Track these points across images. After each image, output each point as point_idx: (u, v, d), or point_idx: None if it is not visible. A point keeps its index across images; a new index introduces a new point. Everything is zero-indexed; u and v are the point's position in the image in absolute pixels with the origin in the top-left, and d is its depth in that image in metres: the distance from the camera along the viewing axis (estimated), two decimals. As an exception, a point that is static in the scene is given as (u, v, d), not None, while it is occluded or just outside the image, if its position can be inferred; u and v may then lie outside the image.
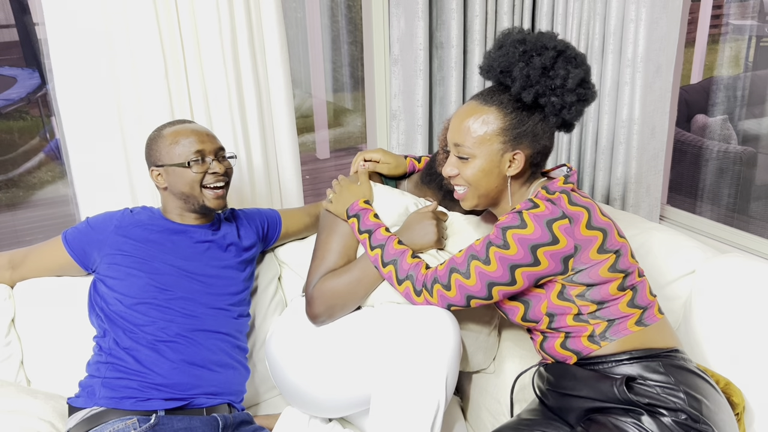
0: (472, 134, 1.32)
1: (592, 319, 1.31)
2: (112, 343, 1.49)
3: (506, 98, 1.33)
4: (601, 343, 1.31)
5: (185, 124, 1.61)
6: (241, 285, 1.66)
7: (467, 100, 1.37)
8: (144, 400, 1.43)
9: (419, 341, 1.34)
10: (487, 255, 1.28)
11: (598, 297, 1.30)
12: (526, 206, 1.29)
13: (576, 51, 1.32)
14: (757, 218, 2.88)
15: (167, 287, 1.53)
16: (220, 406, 1.52)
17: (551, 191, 1.32)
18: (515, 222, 1.27)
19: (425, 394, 1.31)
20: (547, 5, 2.28)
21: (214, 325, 1.56)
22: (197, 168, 1.56)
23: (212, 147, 1.58)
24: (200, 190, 1.57)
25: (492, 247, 1.28)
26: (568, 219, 1.26)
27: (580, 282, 1.29)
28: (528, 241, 1.25)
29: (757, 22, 3.38)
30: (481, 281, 1.30)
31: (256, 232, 1.75)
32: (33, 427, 1.38)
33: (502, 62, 1.32)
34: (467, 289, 1.32)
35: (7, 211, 4.12)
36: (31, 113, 4.81)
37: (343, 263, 1.54)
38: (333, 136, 5.29)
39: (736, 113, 3.16)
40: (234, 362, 1.58)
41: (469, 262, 1.31)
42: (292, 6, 5.01)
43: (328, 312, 1.51)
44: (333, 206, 1.55)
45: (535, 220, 1.26)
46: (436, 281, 1.35)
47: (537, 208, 1.27)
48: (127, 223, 1.59)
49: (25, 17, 4.43)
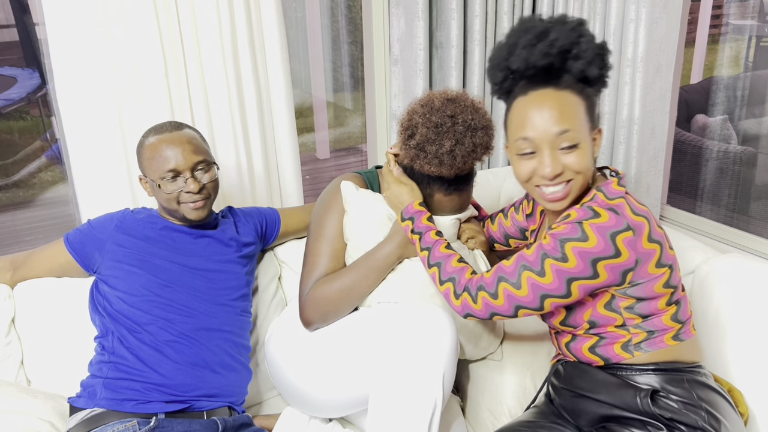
0: (573, 118, 1.23)
1: (633, 329, 1.27)
2: (116, 342, 1.49)
3: (568, 78, 1.26)
4: (635, 353, 1.27)
5: (165, 134, 1.55)
6: (243, 279, 1.66)
7: (531, 92, 1.27)
8: (145, 403, 1.43)
9: (416, 340, 1.34)
10: (542, 267, 1.21)
11: (646, 311, 1.26)
12: (585, 215, 1.21)
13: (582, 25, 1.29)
14: (757, 218, 2.88)
15: (169, 284, 1.54)
16: (221, 409, 1.52)
17: (610, 196, 1.24)
18: (575, 234, 1.19)
19: (422, 393, 1.31)
20: (547, 5, 2.28)
21: (216, 323, 1.56)
22: (170, 187, 1.52)
23: (188, 164, 1.52)
24: (177, 204, 1.55)
25: (548, 258, 1.21)
26: (632, 231, 1.19)
27: (633, 295, 1.24)
28: (589, 254, 1.18)
29: (757, 22, 3.38)
30: (534, 293, 1.23)
31: (254, 230, 1.75)
32: (33, 427, 1.38)
33: (560, 43, 1.24)
34: (517, 299, 1.26)
35: (8, 212, 4.12)
36: (31, 113, 4.80)
37: (333, 267, 1.55)
38: (333, 136, 5.29)
39: (736, 113, 3.16)
40: (236, 363, 1.58)
41: (520, 272, 1.24)
42: (292, 6, 5.01)
43: (322, 318, 1.51)
44: (388, 200, 1.52)
45: (597, 232, 1.18)
46: (481, 288, 1.29)
47: (599, 217, 1.19)
48: (128, 222, 1.59)
49: (25, 17, 4.43)
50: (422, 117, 1.43)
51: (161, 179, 1.52)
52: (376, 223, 1.53)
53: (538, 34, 1.25)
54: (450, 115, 1.42)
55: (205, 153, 1.57)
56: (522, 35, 1.27)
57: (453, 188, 1.49)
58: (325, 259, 1.55)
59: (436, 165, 1.43)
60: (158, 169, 1.52)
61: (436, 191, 1.50)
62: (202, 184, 1.54)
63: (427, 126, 1.42)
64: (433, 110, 1.43)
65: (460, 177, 1.49)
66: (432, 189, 1.50)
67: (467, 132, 1.42)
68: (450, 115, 1.42)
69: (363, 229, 1.54)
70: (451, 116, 1.42)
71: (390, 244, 1.50)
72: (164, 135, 1.54)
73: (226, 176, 1.99)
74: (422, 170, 1.46)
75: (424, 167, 1.45)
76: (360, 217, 1.54)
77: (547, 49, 1.24)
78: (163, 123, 1.59)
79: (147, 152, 1.54)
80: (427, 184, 1.50)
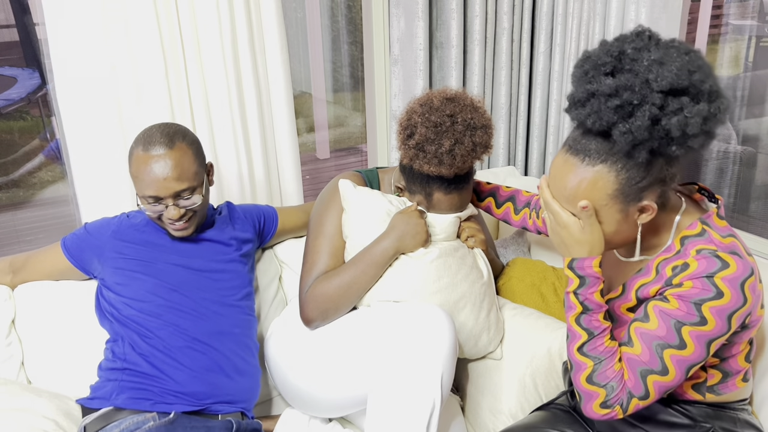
0: (581, 202, 1.08)
1: (711, 369, 1.19)
2: (127, 348, 1.48)
3: (611, 149, 1.07)
4: (707, 395, 1.20)
5: (152, 151, 1.43)
6: (246, 278, 1.65)
7: (560, 152, 1.12)
8: (161, 403, 1.43)
9: (414, 340, 1.34)
10: (680, 338, 1.07)
11: (728, 353, 1.18)
12: (711, 267, 1.06)
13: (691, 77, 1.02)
14: (757, 218, 2.88)
15: (175, 287, 1.53)
16: (234, 414, 1.52)
17: (722, 233, 1.11)
18: (709, 293, 1.05)
19: (420, 393, 1.31)
20: (547, 5, 2.28)
21: (227, 325, 1.55)
22: (150, 209, 1.48)
23: (169, 192, 1.44)
24: (160, 220, 1.51)
25: (684, 326, 1.07)
26: (754, 275, 1.08)
27: (728, 338, 1.14)
28: (726, 310, 1.06)
29: (757, 22, 3.38)
30: (681, 369, 1.09)
31: (252, 226, 1.74)
32: (38, 425, 1.38)
33: (595, 123, 1.06)
34: (667, 385, 1.11)
35: (8, 211, 4.12)
36: (31, 113, 4.80)
37: (333, 264, 1.55)
38: (333, 136, 5.28)
39: (736, 113, 3.15)
40: (248, 366, 1.57)
41: (659, 354, 1.09)
42: (292, 6, 5.01)
43: (322, 316, 1.51)
44: (557, 241, 1.17)
45: (731, 285, 1.05)
46: (631, 396, 1.12)
47: (728, 268, 1.05)
48: (125, 228, 1.58)
49: (25, 17, 4.43)
50: (421, 116, 1.43)
51: (142, 198, 1.47)
52: (375, 220, 1.53)
53: (583, 94, 1.08)
54: (449, 115, 1.42)
55: (190, 178, 1.46)
56: (579, 74, 1.09)
57: (453, 187, 1.49)
58: (325, 257, 1.55)
59: (436, 164, 1.43)
60: (140, 189, 1.46)
61: (436, 190, 1.50)
62: (184, 211, 1.49)
63: (426, 125, 1.42)
64: (432, 109, 1.43)
65: (459, 176, 1.49)
66: (431, 188, 1.50)
67: (467, 131, 1.42)
68: (449, 114, 1.42)
69: (362, 226, 1.54)
70: (451, 115, 1.42)
71: (387, 239, 1.50)
72: (151, 153, 1.43)
73: (225, 176, 1.99)
74: (422, 170, 1.46)
75: (424, 167, 1.45)
76: (358, 214, 1.54)
77: (580, 119, 1.09)
78: (156, 131, 1.48)
79: (133, 165, 1.47)
80: (427, 183, 1.50)
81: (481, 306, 1.58)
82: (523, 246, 1.98)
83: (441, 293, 1.52)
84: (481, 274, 1.60)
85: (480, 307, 1.57)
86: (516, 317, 1.66)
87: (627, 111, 1.03)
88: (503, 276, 1.79)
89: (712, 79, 1.04)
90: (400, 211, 1.53)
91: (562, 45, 2.33)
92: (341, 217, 1.58)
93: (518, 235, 1.99)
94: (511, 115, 2.46)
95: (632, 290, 1.19)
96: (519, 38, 2.37)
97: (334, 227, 1.57)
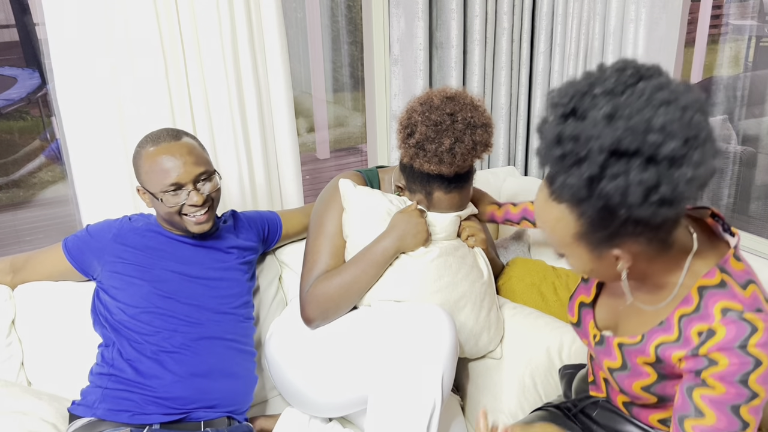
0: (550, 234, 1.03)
1: None
2: (115, 353, 1.48)
3: (581, 189, 0.92)
4: None
5: (163, 144, 1.47)
6: (245, 286, 1.65)
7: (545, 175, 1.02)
8: (141, 414, 1.42)
9: (415, 340, 1.34)
10: (741, 420, 1.00)
11: None
12: (742, 333, 0.98)
13: (645, 137, 0.86)
14: (757, 218, 2.89)
15: (170, 294, 1.52)
16: (219, 419, 1.51)
17: (740, 281, 1.02)
18: (748, 366, 0.98)
19: (421, 393, 1.31)
20: (547, 5, 2.28)
21: (219, 332, 1.55)
22: (172, 201, 1.47)
23: (190, 176, 1.46)
24: (180, 217, 1.50)
25: (742, 407, 0.99)
26: None
27: None
28: None
29: (757, 22, 3.39)
30: None
31: (257, 235, 1.74)
32: (36, 429, 1.38)
33: (540, 164, 0.96)
34: None
35: (8, 212, 4.12)
36: (31, 113, 4.81)
37: (334, 264, 1.55)
38: (333, 136, 5.29)
39: (736, 113, 3.16)
40: (240, 370, 1.57)
41: None
42: (292, 6, 5.01)
43: (323, 315, 1.51)
44: None
45: (765, 350, 0.98)
46: None
47: (757, 332, 0.97)
48: (126, 231, 1.57)
49: (25, 17, 4.43)
50: (421, 115, 1.43)
51: (163, 193, 1.46)
52: (375, 219, 1.53)
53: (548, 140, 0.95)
54: (449, 113, 1.42)
55: (206, 163, 1.51)
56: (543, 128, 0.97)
57: (453, 186, 1.49)
58: (325, 257, 1.55)
59: (436, 163, 1.43)
60: (159, 183, 1.46)
61: (436, 189, 1.50)
62: (206, 195, 1.50)
63: (427, 124, 1.42)
64: (432, 108, 1.43)
65: (459, 175, 1.49)
66: (432, 187, 1.50)
67: (467, 130, 1.42)
68: (449, 113, 1.42)
69: (362, 226, 1.54)
70: (451, 114, 1.42)
71: (387, 238, 1.50)
72: (163, 145, 1.47)
73: (225, 176, 1.99)
74: (422, 168, 1.46)
75: (424, 166, 1.45)
76: (359, 214, 1.54)
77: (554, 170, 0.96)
78: (160, 131, 1.51)
79: (145, 164, 1.47)
80: (427, 182, 1.50)
81: (482, 305, 1.58)
82: (523, 246, 1.98)
83: (441, 292, 1.52)
84: (481, 274, 1.60)
85: (480, 307, 1.58)
86: (516, 316, 1.66)
87: (568, 163, 0.91)
88: (503, 275, 1.79)
89: (688, 141, 0.87)
90: (400, 210, 1.53)
91: (562, 45, 2.33)
92: (342, 217, 1.58)
93: (518, 235, 2.00)
94: (511, 115, 2.46)
95: (651, 345, 1.11)
96: (519, 38, 2.37)
97: (334, 227, 1.57)
